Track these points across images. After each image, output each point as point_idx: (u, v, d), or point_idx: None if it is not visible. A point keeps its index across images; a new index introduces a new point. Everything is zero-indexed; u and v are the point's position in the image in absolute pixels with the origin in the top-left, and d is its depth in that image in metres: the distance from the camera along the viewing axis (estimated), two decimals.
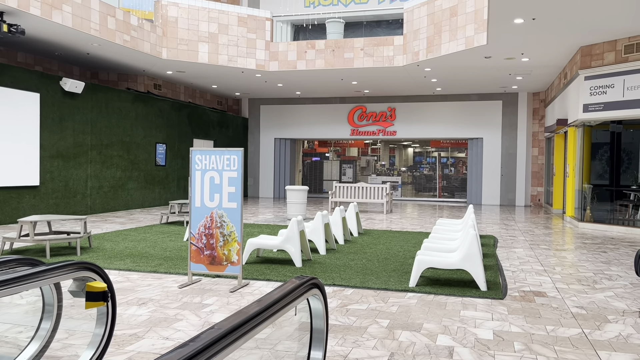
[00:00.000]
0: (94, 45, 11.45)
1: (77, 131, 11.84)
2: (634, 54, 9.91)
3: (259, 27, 13.83)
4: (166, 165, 15.19)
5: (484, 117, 17.71)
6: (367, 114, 18.77)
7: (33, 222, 6.81)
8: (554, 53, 11.42)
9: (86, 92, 12.08)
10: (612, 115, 10.39)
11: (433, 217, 13.27)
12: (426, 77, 14.56)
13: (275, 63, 14.01)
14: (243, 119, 19.75)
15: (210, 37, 13.22)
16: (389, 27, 16.94)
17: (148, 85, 15.27)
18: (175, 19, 12.89)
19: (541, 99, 17.29)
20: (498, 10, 8.46)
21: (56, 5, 9.58)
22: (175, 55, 12.92)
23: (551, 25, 9.26)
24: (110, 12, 11.00)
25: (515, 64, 12.53)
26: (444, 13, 11.74)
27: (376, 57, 13.34)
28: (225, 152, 5.29)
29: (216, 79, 15.69)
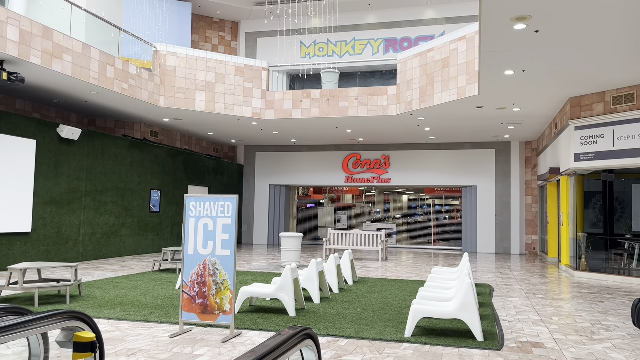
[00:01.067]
0: (92, 93, 11.61)
1: (71, 177, 11.84)
2: (622, 104, 10.14)
3: (256, 77, 14.11)
4: (160, 212, 15.13)
5: (477, 165, 17.88)
6: (362, 161, 18.92)
7: (22, 270, 6.71)
8: (544, 103, 11.67)
9: (82, 138, 12.16)
10: (603, 164, 10.52)
11: (428, 265, 13.17)
12: (419, 125, 14.78)
13: (271, 111, 14.21)
14: (238, 166, 19.84)
15: (207, 86, 13.46)
16: (382, 77, 17.32)
17: (144, 132, 15.40)
18: (173, 68, 13.14)
19: (533, 147, 17.53)
20: (488, 62, 8.70)
21: (57, 55, 9.78)
22: (172, 103, 13.10)
23: (540, 76, 9.51)
24: (109, 61, 11.22)
25: (507, 113, 12.77)
26: (436, 64, 12.04)
27: (370, 106, 13.57)
28: (219, 199, 5.29)
29: (212, 127, 15.86)
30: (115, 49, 12.50)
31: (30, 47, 9.18)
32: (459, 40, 11.43)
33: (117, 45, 12.73)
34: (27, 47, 9.10)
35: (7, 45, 8.69)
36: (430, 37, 16.97)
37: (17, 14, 8.93)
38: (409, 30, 17.51)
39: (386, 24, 17.81)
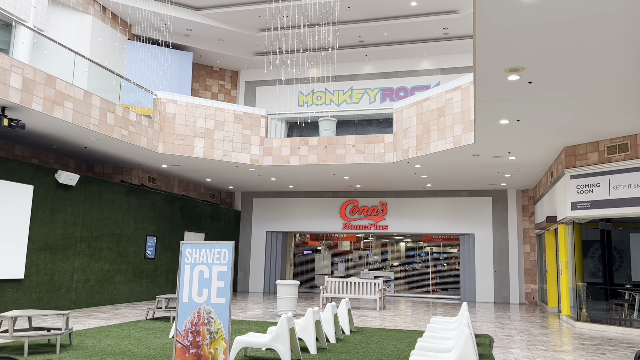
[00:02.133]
0: (91, 139, 11.70)
1: (67, 223, 11.78)
2: (616, 154, 10.25)
3: (254, 124, 14.29)
4: (155, 259, 14.97)
5: (474, 213, 17.87)
6: (359, 208, 18.90)
7: (13, 318, 6.57)
8: (539, 152, 11.79)
9: (80, 184, 12.17)
10: (600, 213, 10.53)
11: (427, 314, 12.95)
12: (416, 173, 14.87)
13: (269, 158, 14.31)
14: (235, 212, 19.80)
15: (206, 133, 13.60)
16: (379, 126, 17.55)
17: (142, 178, 15.44)
18: (173, 115, 13.31)
19: (530, 196, 17.58)
20: (484, 111, 8.84)
21: (58, 102, 9.92)
22: (171, 149, 13.19)
23: (535, 126, 9.65)
24: (110, 108, 11.38)
25: (503, 162, 12.88)
26: (432, 113, 12.24)
27: (367, 153, 13.69)
28: (216, 246, 5.25)
29: (210, 173, 15.92)
30: (116, 96, 12.70)
31: (33, 94, 9.32)
32: (454, 90, 11.66)
33: (118, 92, 12.93)
34: (29, 94, 9.24)
35: (9, 93, 8.82)
36: (426, 87, 17.31)
37: (21, 62, 9.11)
38: (405, 81, 17.89)
39: (383, 74, 18.20)
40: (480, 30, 5.96)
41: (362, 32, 16.65)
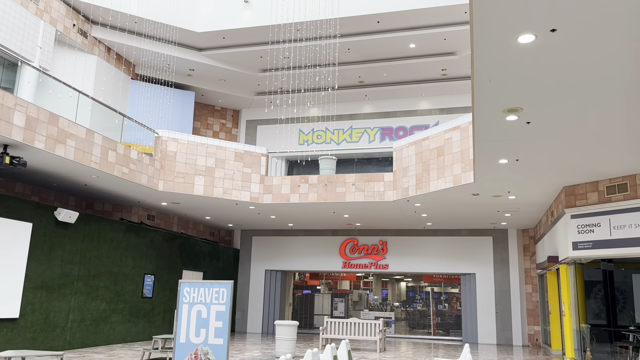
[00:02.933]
0: (92, 177, 11.74)
1: (65, 261, 11.68)
2: (616, 194, 10.26)
3: (255, 162, 14.36)
4: (153, 298, 14.78)
5: (475, 253, 17.75)
6: (359, 247, 18.78)
7: (7, 358, 6.44)
8: (539, 192, 11.81)
9: (79, 221, 12.13)
10: (601, 253, 10.46)
11: (428, 356, 12.69)
12: (416, 212, 14.84)
13: (269, 196, 14.32)
14: (234, 250, 19.66)
15: (207, 171, 13.65)
16: (379, 164, 17.64)
17: (142, 215, 15.41)
18: (174, 153, 13.40)
19: (530, 235, 17.50)
20: (482, 151, 8.90)
21: (61, 140, 9.99)
22: (172, 187, 13.22)
23: (534, 166, 9.69)
24: (112, 146, 11.46)
25: (503, 201, 12.88)
26: (431, 152, 12.32)
27: (367, 192, 13.71)
28: (214, 285, 5.20)
29: (210, 211, 15.90)
30: (118, 134, 12.81)
31: (36, 132, 9.40)
32: (453, 130, 11.77)
33: (120, 131, 13.06)
34: (32, 132, 9.32)
35: (12, 131, 8.90)
36: (425, 126, 17.49)
37: (25, 101, 9.23)
38: (404, 120, 18.08)
39: (382, 114, 18.42)
40: (478, 72, 6.07)
41: (361, 73, 16.93)
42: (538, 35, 5.17)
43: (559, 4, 4.68)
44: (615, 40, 5.29)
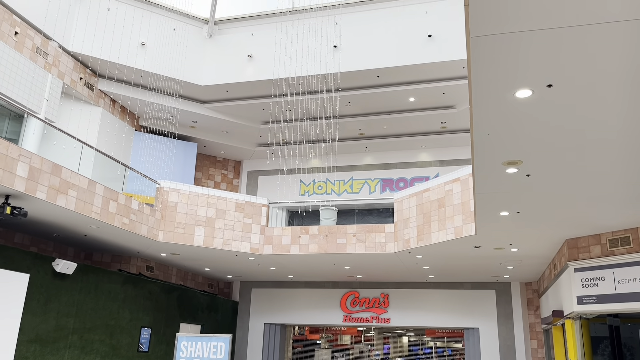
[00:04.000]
0: (92, 227, 11.70)
1: (61, 313, 11.47)
2: (619, 247, 10.18)
3: (255, 213, 14.34)
4: (149, 352, 14.41)
5: (478, 307, 17.42)
6: (360, 300, 18.47)
7: None
8: (541, 244, 11.72)
9: (77, 273, 11.99)
10: (606, 308, 10.27)
11: None
12: (418, 264, 14.69)
13: (269, 247, 14.22)
14: (233, 303, 19.33)
15: (207, 222, 13.61)
16: (380, 215, 17.62)
17: (140, 266, 15.25)
18: (175, 204, 13.40)
19: (534, 289, 17.24)
20: (483, 203, 8.91)
21: (62, 190, 10.03)
22: (172, 238, 13.15)
23: (535, 218, 9.67)
24: (113, 196, 11.48)
25: (505, 253, 12.77)
26: (432, 204, 12.31)
27: (368, 243, 13.62)
28: (212, 339, 5.08)
29: (209, 262, 15.75)
30: (120, 185, 12.87)
31: (38, 183, 9.45)
32: (453, 182, 11.82)
33: (122, 181, 13.13)
34: (34, 183, 9.37)
35: (15, 182, 8.95)
36: (425, 178, 17.57)
37: (29, 152, 9.33)
38: (404, 172, 18.19)
39: (383, 165, 18.55)
40: (477, 126, 6.15)
41: (362, 125, 17.18)
42: (535, 90, 5.28)
43: (554, 62, 4.80)
44: (613, 95, 5.39)
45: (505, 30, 4.43)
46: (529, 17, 4.26)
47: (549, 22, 4.31)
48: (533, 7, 4.14)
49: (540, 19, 4.28)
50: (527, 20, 4.30)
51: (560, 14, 4.20)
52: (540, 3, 4.09)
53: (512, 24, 4.35)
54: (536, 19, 4.27)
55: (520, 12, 4.21)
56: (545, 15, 4.23)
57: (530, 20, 4.29)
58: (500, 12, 4.20)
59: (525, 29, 4.39)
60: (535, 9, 4.16)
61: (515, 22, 4.31)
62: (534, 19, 4.28)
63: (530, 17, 4.25)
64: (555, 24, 4.32)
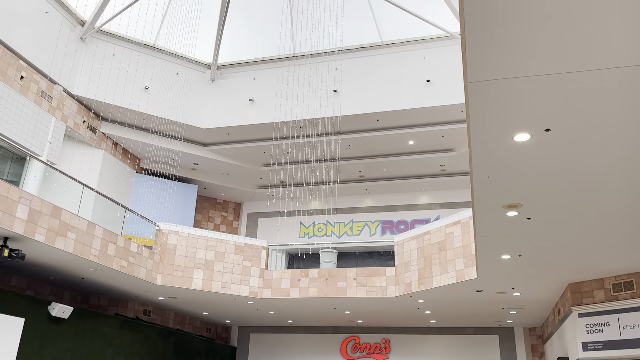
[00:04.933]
0: (90, 270, 11.59)
1: (55, 359, 11.20)
2: (622, 292, 10.04)
3: (255, 255, 14.23)
4: None
5: (482, 352, 17.03)
6: (361, 345, 18.08)
7: None
8: (544, 288, 11.57)
9: (73, 317, 11.79)
10: (612, 354, 10.03)
11: None
12: (419, 308, 14.45)
13: (268, 290, 14.03)
14: (231, 348, 18.91)
15: (206, 264, 13.49)
16: (380, 258, 17.45)
17: (138, 310, 15.00)
18: (174, 246, 13.32)
19: (538, 334, 16.89)
20: (484, 247, 8.85)
21: (61, 233, 9.98)
22: (170, 281, 13.00)
23: (537, 262, 9.58)
24: (112, 239, 11.42)
25: (508, 298, 12.58)
26: (433, 247, 12.23)
27: (369, 287, 13.44)
28: None
29: (208, 306, 15.50)
30: (119, 227, 12.81)
31: (37, 225, 9.41)
32: (454, 224, 11.78)
33: (121, 223, 13.08)
34: (34, 225, 9.33)
35: (14, 224, 8.91)
36: (426, 220, 17.50)
37: (29, 194, 9.34)
38: (405, 214, 18.15)
39: (383, 207, 18.52)
40: (476, 169, 6.18)
41: (362, 168, 17.26)
42: (533, 134, 5.33)
43: (551, 106, 4.87)
44: (612, 139, 5.43)
45: (503, 76, 4.51)
46: (525, 64, 4.35)
47: (546, 69, 4.40)
48: (529, 54, 4.23)
49: (537, 66, 4.37)
50: (524, 67, 4.38)
51: (556, 60, 4.29)
52: (536, 50, 4.18)
53: (508, 70, 4.43)
54: (533, 65, 4.36)
55: (517, 59, 4.30)
56: (542, 62, 4.32)
57: (526, 67, 4.38)
58: (497, 58, 4.29)
59: (521, 74, 4.48)
60: (532, 56, 4.25)
61: (512, 68, 4.40)
62: (530, 66, 4.37)
63: (526, 63, 4.34)
64: (552, 70, 4.41)
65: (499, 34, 4.03)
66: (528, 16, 3.85)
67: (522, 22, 3.91)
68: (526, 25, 3.94)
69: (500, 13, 3.83)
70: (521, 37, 4.04)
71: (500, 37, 4.06)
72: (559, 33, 3.98)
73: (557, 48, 4.14)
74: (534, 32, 3.99)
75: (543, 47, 4.14)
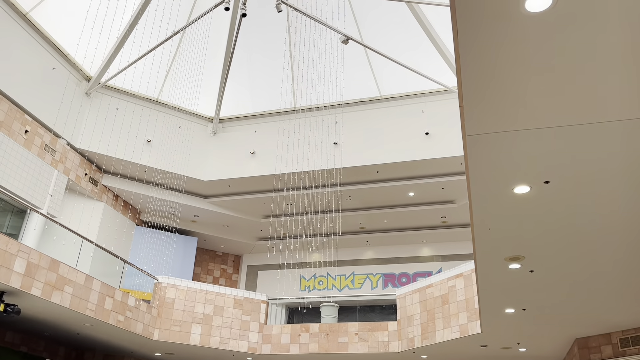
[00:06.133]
0: (86, 325, 11.35)
1: None
2: (630, 347, 9.79)
3: (254, 309, 13.97)
4: None
5: None
6: None
7: None
8: (550, 343, 11.29)
9: None
10: None
11: None
12: None
13: (267, 346, 13.70)
14: None
15: (204, 319, 13.22)
16: (382, 312, 17.14)
17: None
18: (172, 300, 13.10)
19: None
20: (487, 300, 8.70)
21: (58, 287, 9.84)
22: (167, 336, 12.70)
23: (542, 316, 9.39)
24: (109, 292, 11.25)
25: (514, 353, 12.26)
26: (435, 300, 12.02)
27: (371, 342, 13.13)
28: None
29: None
30: (117, 280, 12.65)
31: (34, 279, 9.30)
32: (456, 277, 11.63)
33: (119, 277, 12.92)
34: (31, 279, 9.22)
35: (11, 278, 8.81)
36: (428, 273, 17.31)
37: (28, 247, 9.27)
38: (406, 267, 17.95)
39: (384, 260, 18.34)
40: (477, 221, 6.16)
41: (362, 219, 17.21)
42: (532, 186, 5.34)
43: (549, 159, 4.91)
44: (611, 191, 5.44)
45: (500, 130, 4.57)
46: (523, 118, 4.41)
47: (542, 122, 4.46)
48: (527, 109, 4.30)
49: (534, 119, 4.43)
50: (521, 121, 4.45)
51: (554, 114, 4.36)
52: (533, 105, 4.26)
53: (506, 124, 4.50)
54: (530, 119, 4.42)
55: (514, 113, 4.37)
56: (539, 116, 4.38)
57: (524, 121, 4.45)
58: (494, 112, 4.36)
59: (519, 128, 4.54)
60: (529, 110, 4.32)
61: (509, 121, 4.47)
62: (527, 120, 4.43)
63: (524, 117, 4.41)
64: (549, 123, 4.47)
65: (496, 89, 4.11)
66: (525, 71, 3.94)
67: (519, 77, 4.00)
68: (523, 80, 4.02)
69: (496, 68, 3.92)
70: (518, 91, 4.13)
71: (497, 92, 4.14)
72: (556, 88, 4.06)
73: (555, 102, 4.21)
74: (531, 86, 4.07)
75: (540, 101, 4.21)
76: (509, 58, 3.81)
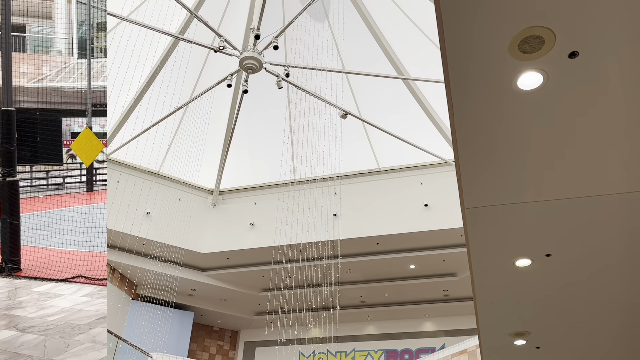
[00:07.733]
0: None
1: None
2: None
3: None
4: None
5: None
6: None
7: None
8: None
9: None
10: None
11: None
12: None
13: None
14: None
15: None
16: None
17: None
18: None
19: None
20: None
21: None
22: None
23: None
24: None
25: None
26: None
27: None
28: None
29: None
30: (110, 358, 12.21)
31: None
32: (460, 354, 11.26)
33: (113, 353, 12.49)
34: None
35: None
36: (431, 349, 16.77)
37: None
38: (409, 342, 17.41)
39: (386, 335, 17.82)
40: (479, 295, 6.03)
41: (363, 293, 16.89)
42: (534, 259, 5.28)
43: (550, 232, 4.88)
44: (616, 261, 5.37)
45: (500, 202, 4.57)
46: (522, 190, 4.43)
47: (543, 195, 4.47)
48: (526, 182, 4.33)
49: (534, 192, 4.44)
50: (521, 193, 4.46)
51: (554, 187, 4.38)
52: (533, 178, 4.28)
53: (505, 197, 4.50)
54: (530, 192, 4.44)
55: (513, 186, 4.39)
56: (539, 189, 4.40)
57: (523, 193, 4.46)
58: (493, 185, 4.38)
59: (518, 201, 4.54)
60: (529, 183, 4.34)
61: (508, 194, 4.47)
62: (528, 192, 4.44)
63: (523, 190, 4.42)
64: (550, 196, 4.48)
65: (494, 162, 4.14)
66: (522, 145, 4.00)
67: (516, 151, 4.05)
68: (520, 154, 4.07)
69: (493, 142, 3.98)
70: (517, 164, 4.15)
71: (495, 165, 4.17)
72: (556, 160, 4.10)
73: (555, 175, 4.24)
74: (530, 159, 4.10)
75: (540, 174, 4.24)
76: (505, 133, 3.88)
